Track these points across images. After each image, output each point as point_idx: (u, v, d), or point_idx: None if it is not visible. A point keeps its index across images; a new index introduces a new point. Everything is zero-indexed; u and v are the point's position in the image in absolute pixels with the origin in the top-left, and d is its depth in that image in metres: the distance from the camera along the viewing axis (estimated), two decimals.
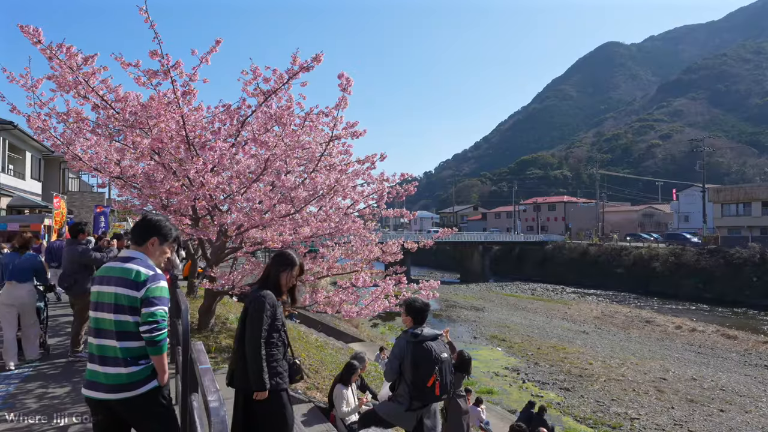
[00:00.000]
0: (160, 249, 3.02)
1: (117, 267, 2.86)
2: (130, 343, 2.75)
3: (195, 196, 6.58)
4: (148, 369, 2.77)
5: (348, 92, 6.28)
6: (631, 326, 28.91)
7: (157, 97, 6.24)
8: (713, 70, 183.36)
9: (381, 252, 8.05)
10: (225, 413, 1.70)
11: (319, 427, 5.80)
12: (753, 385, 17.48)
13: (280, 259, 3.73)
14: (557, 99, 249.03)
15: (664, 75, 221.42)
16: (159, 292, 2.78)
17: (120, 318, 2.75)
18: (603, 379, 18.18)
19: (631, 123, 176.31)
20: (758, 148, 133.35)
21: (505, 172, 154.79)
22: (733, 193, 51.67)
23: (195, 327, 8.08)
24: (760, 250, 39.04)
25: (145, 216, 3.16)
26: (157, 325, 2.71)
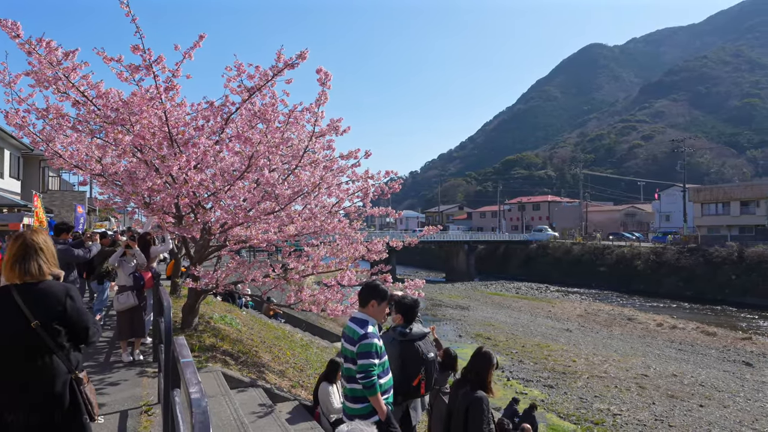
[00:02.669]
0: (380, 309, 3.81)
1: (348, 326, 3.76)
2: (354, 385, 3.63)
3: (178, 193, 6.52)
4: (369, 407, 3.57)
5: (327, 87, 6.27)
6: (614, 324, 29.25)
7: (139, 93, 6.17)
8: (694, 73, 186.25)
9: (366, 250, 8.05)
10: (206, 404, 1.69)
11: (304, 424, 5.79)
12: (731, 381, 17.79)
13: (487, 358, 4.19)
14: (541, 100, 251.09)
15: (646, 76, 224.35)
16: (368, 347, 3.54)
17: (348, 366, 3.66)
18: (586, 376, 18.37)
19: (614, 124, 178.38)
20: (737, 149, 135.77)
21: (491, 171, 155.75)
22: (712, 193, 52.54)
23: (178, 326, 8.01)
24: (738, 248, 39.78)
25: (366, 283, 3.99)
26: (366, 373, 3.50)
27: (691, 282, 40.74)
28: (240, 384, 6.24)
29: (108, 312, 9.46)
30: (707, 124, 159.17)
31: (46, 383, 2.45)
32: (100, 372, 6.00)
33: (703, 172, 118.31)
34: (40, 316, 2.45)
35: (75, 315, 2.56)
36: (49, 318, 2.47)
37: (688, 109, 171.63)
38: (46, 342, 2.46)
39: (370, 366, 3.50)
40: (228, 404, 5.08)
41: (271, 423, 5.23)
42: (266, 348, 9.16)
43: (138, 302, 6.59)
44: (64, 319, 2.52)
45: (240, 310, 14.17)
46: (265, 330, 11.56)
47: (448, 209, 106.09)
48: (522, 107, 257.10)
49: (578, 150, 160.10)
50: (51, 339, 2.47)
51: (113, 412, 4.75)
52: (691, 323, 28.99)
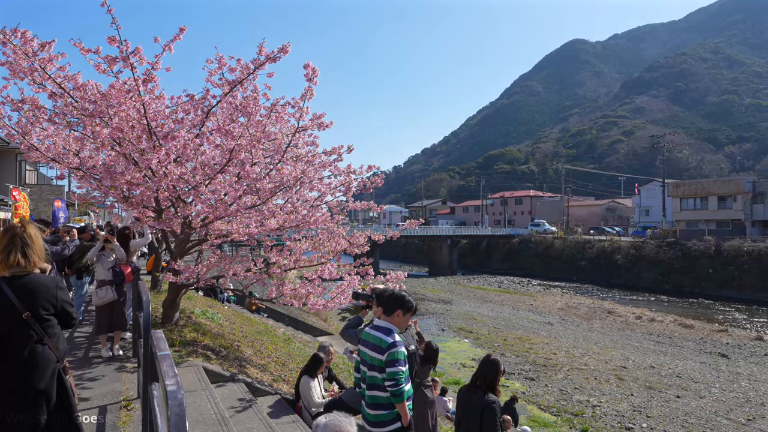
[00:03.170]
0: (404, 318, 3.90)
1: (372, 334, 3.82)
2: (375, 392, 3.70)
3: (157, 187, 6.46)
4: (391, 414, 3.66)
5: (314, 83, 6.25)
6: (594, 317, 29.68)
7: (117, 85, 6.09)
8: (674, 69, 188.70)
9: (348, 244, 8.05)
10: (183, 396, 1.69)
11: (286, 418, 5.80)
12: (707, 372, 18.19)
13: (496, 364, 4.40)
14: (524, 95, 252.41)
15: (627, 72, 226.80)
16: (396, 356, 3.62)
17: (373, 374, 3.71)
18: (566, 368, 18.63)
19: (595, 119, 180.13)
20: (715, 145, 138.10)
21: (473, 166, 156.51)
22: (691, 187, 53.42)
23: (159, 321, 7.94)
24: (715, 242, 40.57)
25: (392, 292, 4.03)
26: (396, 381, 3.57)
27: (669, 275, 41.50)
28: (221, 378, 6.22)
29: (87, 307, 9.35)
30: (686, 120, 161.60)
31: (37, 371, 2.55)
32: (79, 367, 5.94)
33: (683, 167, 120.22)
34: (30, 307, 2.56)
35: (64, 305, 2.73)
36: (40, 309, 2.61)
37: (668, 105, 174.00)
38: (37, 332, 2.56)
39: (399, 374, 3.61)
40: (208, 398, 5.06)
41: (251, 417, 5.23)
42: (248, 342, 9.13)
43: (117, 297, 6.53)
44: (55, 310, 2.67)
45: (222, 304, 14.09)
46: (247, 324, 11.51)
47: (432, 204, 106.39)
48: (505, 102, 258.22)
49: (560, 145, 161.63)
50: (42, 329, 2.57)
51: (92, 407, 4.71)
52: (669, 316, 29.56)
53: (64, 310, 2.74)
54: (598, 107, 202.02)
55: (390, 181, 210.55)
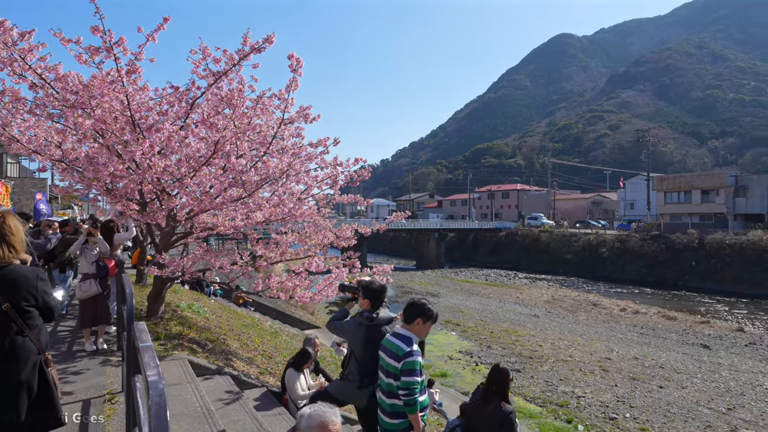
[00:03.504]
0: (425, 327, 3.88)
1: (392, 341, 3.80)
2: (394, 401, 3.67)
3: (141, 179, 6.40)
4: (406, 422, 3.66)
5: (299, 73, 6.21)
6: (579, 309, 29.99)
7: (99, 76, 6.00)
8: (659, 64, 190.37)
9: (335, 237, 8.04)
10: (164, 387, 1.69)
11: (272, 410, 5.80)
12: (689, 363, 18.49)
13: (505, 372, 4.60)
14: (511, 89, 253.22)
15: (613, 67, 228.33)
16: (412, 365, 3.61)
17: (389, 381, 3.71)
18: (552, 360, 18.82)
19: (582, 113, 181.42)
20: (699, 139, 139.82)
21: (461, 160, 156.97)
22: (675, 181, 54.05)
23: (144, 315, 7.89)
24: (699, 235, 41.14)
25: (413, 300, 4.01)
26: (410, 391, 3.57)
27: (653, 268, 42.02)
28: (207, 371, 6.20)
29: (71, 301, 9.26)
30: (671, 114, 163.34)
31: (17, 363, 2.53)
32: (62, 361, 5.88)
33: (667, 161, 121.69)
34: (11, 298, 2.54)
35: (45, 296, 2.71)
36: (20, 300, 2.56)
37: (653, 99, 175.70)
38: (17, 324, 2.54)
39: (414, 384, 3.61)
40: (194, 391, 5.05)
41: (237, 409, 5.23)
42: (234, 336, 9.11)
43: (101, 290, 6.47)
44: (36, 301, 2.64)
45: (208, 298, 14.04)
46: (234, 318, 11.48)
47: (419, 197, 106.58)
48: (492, 96, 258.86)
49: (547, 139, 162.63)
50: (22, 321, 2.55)
51: (76, 401, 4.67)
52: (653, 308, 29.97)
53: (45, 301, 2.71)
54: (584, 101, 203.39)
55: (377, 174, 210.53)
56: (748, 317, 28.05)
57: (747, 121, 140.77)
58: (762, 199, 46.19)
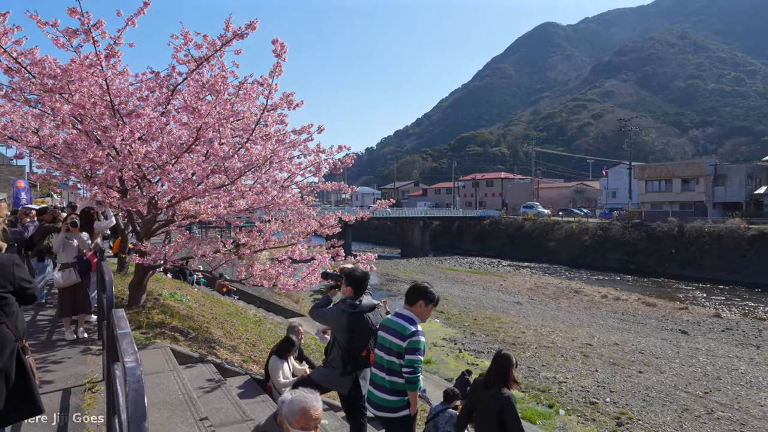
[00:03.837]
0: (426, 309, 3.99)
1: (395, 321, 3.93)
2: (394, 378, 3.79)
3: (122, 166, 6.29)
4: (404, 401, 3.80)
5: (283, 59, 6.14)
6: (562, 296, 30.39)
7: (77, 60, 5.87)
8: (642, 53, 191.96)
9: (319, 225, 8.01)
10: (141, 373, 1.67)
11: (256, 398, 5.81)
12: (668, 348, 18.86)
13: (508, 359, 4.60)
14: (496, 77, 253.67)
15: (597, 56, 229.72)
16: (417, 344, 3.74)
17: (391, 359, 3.82)
18: (534, 346, 19.08)
19: (565, 102, 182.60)
20: (680, 128, 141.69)
21: (446, 148, 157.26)
22: (656, 170, 54.74)
23: (125, 303, 7.82)
24: (679, 223, 41.80)
25: (415, 284, 4.12)
26: (414, 369, 3.69)
27: (634, 256, 42.64)
28: (189, 359, 6.17)
29: (51, 290, 9.13)
30: (653, 104, 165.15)
31: None
32: (42, 350, 5.81)
33: (649, 150, 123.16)
34: None
35: (21, 282, 2.70)
36: None
37: (636, 89, 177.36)
38: None
39: (418, 362, 3.73)
40: (176, 379, 5.02)
41: (220, 397, 5.22)
42: (218, 324, 9.07)
43: (80, 279, 6.39)
44: (12, 287, 2.63)
45: (191, 287, 13.95)
46: (217, 306, 11.43)
47: (404, 185, 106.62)
48: (477, 84, 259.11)
49: (531, 128, 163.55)
50: None
51: (56, 390, 4.62)
52: (633, 295, 30.46)
53: (22, 287, 2.69)
54: (568, 90, 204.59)
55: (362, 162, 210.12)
56: (725, 303, 28.67)
57: (727, 111, 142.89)
58: (740, 187, 47.02)
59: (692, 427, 12.21)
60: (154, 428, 3.92)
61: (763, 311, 26.46)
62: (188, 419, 4.19)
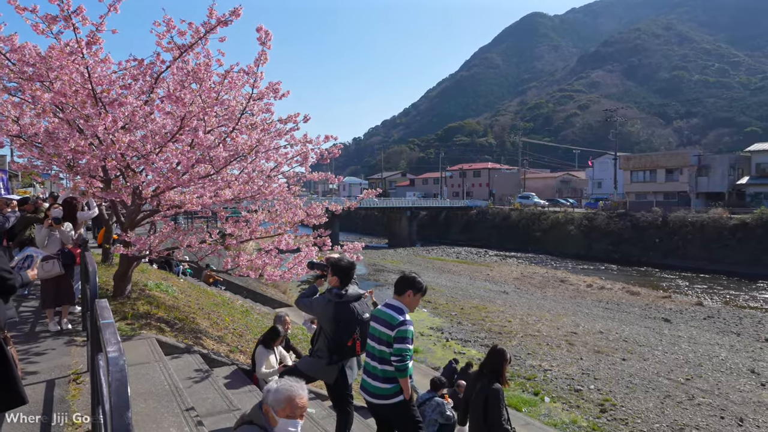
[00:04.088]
0: (415, 299, 4.08)
1: (384, 311, 4.01)
2: (386, 367, 3.90)
3: (105, 155, 6.21)
4: (396, 387, 3.92)
5: (267, 47, 6.08)
6: (547, 286, 30.67)
7: (58, 47, 5.76)
8: (628, 44, 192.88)
9: (305, 215, 7.98)
10: (124, 363, 1.66)
11: (243, 388, 5.81)
12: (651, 336, 19.16)
13: (501, 354, 4.79)
14: (484, 67, 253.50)
15: (584, 47, 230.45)
16: (404, 333, 3.84)
17: (382, 348, 3.93)
18: (520, 335, 19.27)
19: (552, 93, 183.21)
20: (664, 119, 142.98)
21: (433, 138, 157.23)
22: (641, 161, 55.24)
23: (110, 294, 7.75)
24: (663, 213, 42.32)
25: (404, 274, 4.22)
26: (402, 357, 3.80)
27: (619, 245, 43.12)
28: (175, 350, 6.15)
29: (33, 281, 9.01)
30: (639, 94, 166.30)
31: None
32: (25, 342, 5.75)
33: (634, 141, 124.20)
34: None
35: (2, 272, 2.71)
36: None
37: (622, 79, 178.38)
38: None
39: (406, 350, 3.84)
40: (162, 370, 5.00)
41: (207, 387, 5.21)
42: (204, 315, 9.03)
43: (63, 270, 6.31)
44: None
45: (177, 277, 13.86)
46: (204, 297, 11.37)
47: (391, 176, 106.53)
48: (465, 74, 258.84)
49: (518, 118, 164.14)
50: None
51: (40, 381, 4.58)
52: (617, 284, 30.83)
53: (2, 277, 2.65)
54: (555, 81, 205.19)
55: (350, 152, 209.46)
56: (707, 292, 29.14)
57: (711, 102, 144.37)
58: (723, 178, 47.65)
59: (674, 413, 12.44)
60: (140, 419, 3.91)
61: (743, 299, 26.96)
62: (174, 409, 4.18)
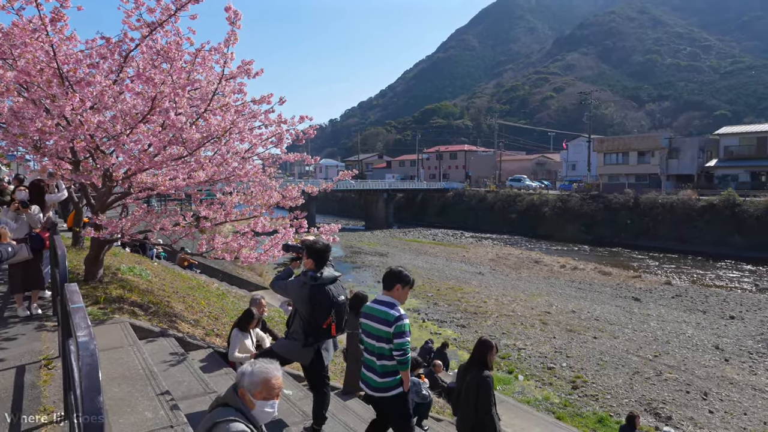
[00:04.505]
0: (404, 292, 4.17)
1: (377, 308, 4.12)
2: (385, 362, 4.02)
3: (73, 136, 6.04)
4: (396, 380, 4.04)
5: (237, 26, 5.95)
6: (522, 267, 31.15)
7: (20, 24, 5.55)
8: (603, 27, 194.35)
9: (281, 197, 7.91)
10: (95, 347, 1.64)
11: (219, 371, 5.79)
12: (621, 315, 19.67)
13: (488, 344, 5.01)
14: (460, 49, 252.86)
15: (559, 29, 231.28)
16: (403, 328, 3.96)
17: (381, 345, 4.03)
18: (495, 315, 19.59)
19: (528, 75, 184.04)
20: (637, 102, 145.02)
21: (410, 120, 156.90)
22: (614, 143, 56.06)
23: (81, 278, 7.61)
24: (634, 195, 43.17)
25: (390, 269, 4.26)
26: (403, 351, 3.94)
27: (592, 227, 43.94)
28: (150, 334, 6.09)
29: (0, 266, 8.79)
30: (613, 77, 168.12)
31: None
32: None
33: (607, 123, 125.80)
34: None
35: None
36: None
37: (597, 62, 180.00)
38: None
39: (406, 344, 3.96)
40: (136, 354, 4.95)
41: (182, 370, 5.19)
42: (179, 298, 8.94)
43: (32, 255, 6.17)
44: None
45: (151, 261, 13.67)
46: (178, 280, 11.25)
47: (368, 158, 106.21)
48: (441, 56, 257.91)
49: (494, 100, 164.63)
50: None
51: (10, 367, 4.50)
52: (590, 264, 31.48)
53: None
54: (531, 63, 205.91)
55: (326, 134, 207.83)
56: (675, 271, 29.97)
57: (682, 85, 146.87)
58: (692, 160, 48.71)
59: (642, 388, 12.86)
60: (114, 403, 3.88)
61: (710, 278, 27.82)
62: (149, 393, 4.15)
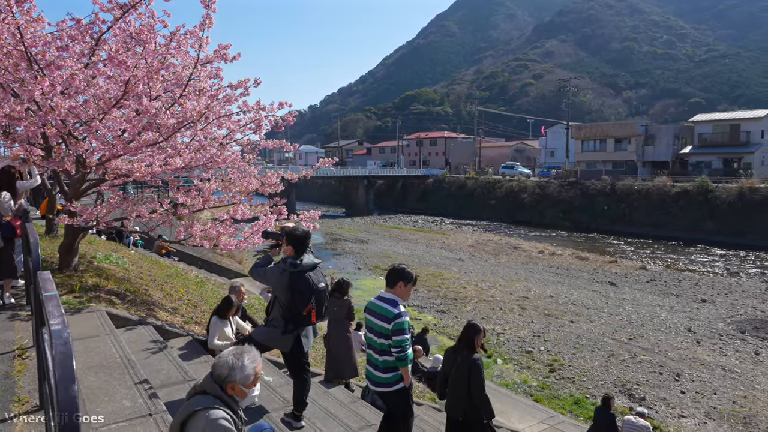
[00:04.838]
0: (406, 289, 4.22)
1: (379, 305, 4.20)
2: (386, 357, 4.11)
3: (43, 122, 5.88)
4: (397, 375, 4.14)
5: (212, 9, 5.84)
6: (501, 252, 31.47)
7: None
8: (582, 14, 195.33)
9: (260, 184, 7.83)
10: (69, 335, 1.61)
11: (198, 359, 5.76)
12: (598, 299, 20.05)
13: (475, 328, 5.05)
14: (440, 35, 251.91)
15: (539, 16, 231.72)
16: (401, 325, 4.02)
17: (381, 341, 4.12)
18: (475, 300, 19.80)
19: (508, 62, 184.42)
20: (615, 90, 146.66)
21: (390, 107, 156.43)
22: (591, 130, 56.73)
23: (55, 267, 7.46)
24: (611, 182, 43.84)
25: (393, 266, 4.36)
26: (402, 348, 4.02)
27: (570, 213, 44.54)
28: (128, 323, 6.01)
29: None
30: (591, 65, 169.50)
31: None
32: None
33: (586, 110, 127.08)
34: None
35: None
36: None
37: (575, 49, 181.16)
38: None
39: (405, 341, 4.03)
40: (113, 342, 4.88)
41: (161, 359, 5.14)
42: (157, 286, 8.84)
43: (3, 243, 6.02)
44: None
45: (128, 249, 13.47)
46: (156, 268, 11.11)
47: (348, 144, 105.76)
48: (422, 42, 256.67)
49: (474, 87, 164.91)
50: None
51: None
52: (567, 250, 31.97)
53: None
54: (510, 50, 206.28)
55: (306, 120, 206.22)
56: (650, 256, 30.59)
57: (658, 73, 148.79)
58: (668, 147, 49.54)
59: (617, 370, 13.15)
60: (90, 392, 3.83)
61: (683, 263, 28.46)
62: (127, 382, 4.10)
